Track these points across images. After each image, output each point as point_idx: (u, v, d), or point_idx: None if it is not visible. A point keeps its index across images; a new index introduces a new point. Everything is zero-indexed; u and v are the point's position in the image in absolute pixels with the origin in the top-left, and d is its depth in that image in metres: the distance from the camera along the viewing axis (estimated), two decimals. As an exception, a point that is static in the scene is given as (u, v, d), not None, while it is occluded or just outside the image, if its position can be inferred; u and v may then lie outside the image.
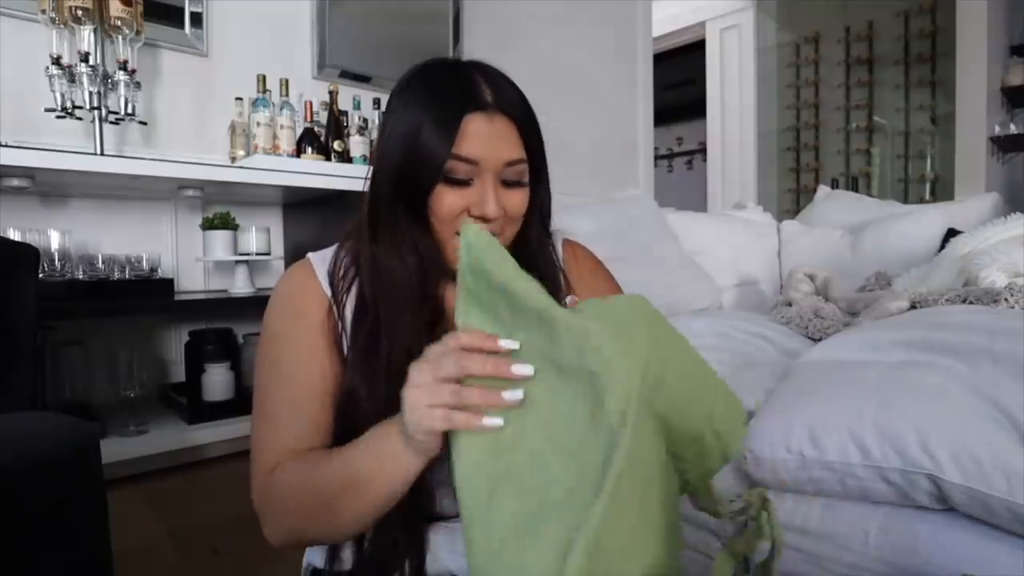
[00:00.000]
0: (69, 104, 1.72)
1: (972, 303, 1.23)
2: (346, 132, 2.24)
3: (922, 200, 4.09)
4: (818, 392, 0.93)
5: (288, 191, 2.05)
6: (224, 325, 2.10)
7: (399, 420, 0.49)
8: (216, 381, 1.94)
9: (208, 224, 2.01)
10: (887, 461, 0.80)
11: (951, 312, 1.13)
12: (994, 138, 3.57)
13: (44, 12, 1.67)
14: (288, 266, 0.70)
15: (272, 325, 0.65)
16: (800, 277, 1.73)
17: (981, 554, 0.75)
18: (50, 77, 1.68)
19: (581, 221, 1.77)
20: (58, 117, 1.72)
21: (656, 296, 1.98)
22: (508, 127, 0.60)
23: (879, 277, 1.70)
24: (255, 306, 2.02)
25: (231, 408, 1.93)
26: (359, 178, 0.65)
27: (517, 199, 0.62)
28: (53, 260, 1.72)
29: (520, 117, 0.61)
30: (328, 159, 2.14)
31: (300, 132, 2.14)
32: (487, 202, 0.59)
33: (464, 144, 0.58)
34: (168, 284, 1.91)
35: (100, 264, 1.78)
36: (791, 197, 4.81)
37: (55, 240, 1.74)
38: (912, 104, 4.31)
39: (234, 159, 2.10)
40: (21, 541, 0.73)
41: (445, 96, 0.59)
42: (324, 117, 2.22)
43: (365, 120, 2.29)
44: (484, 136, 0.58)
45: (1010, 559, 0.73)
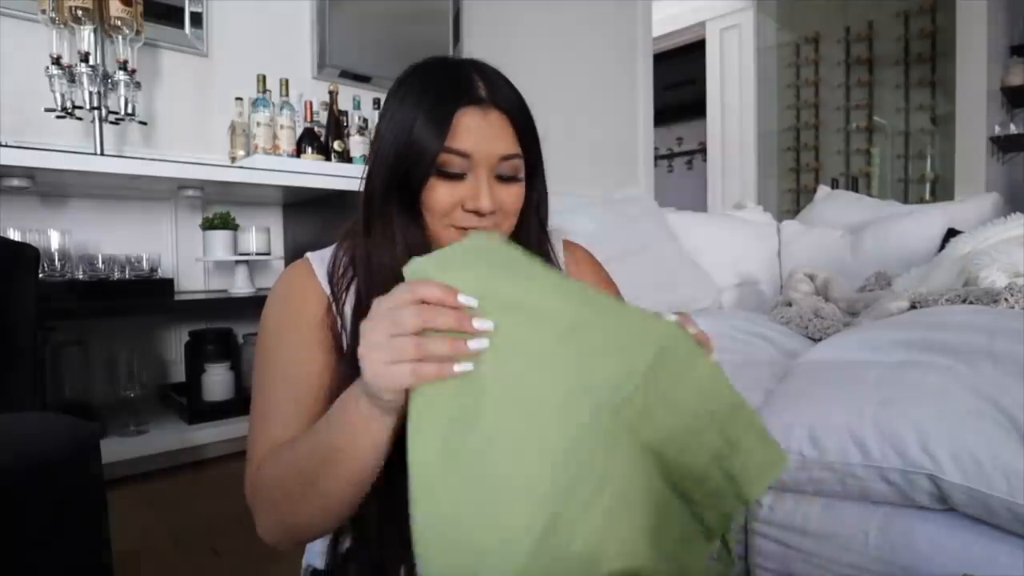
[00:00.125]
0: (69, 104, 1.71)
1: (972, 303, 1.23)
2: (346, 132, 2.24)
3: (922, 200, 4.08)
4: (818, 392, 0.93)
5: (288, 191, 2.05)
6: (224, 325, 2.10)
7: (359, 384, 0.47)
8: (216, 381, 1.94)
9: (208, 224, 2.02)
10: (887, 461, 0.80)
11: (951, 312, 1.13)
12: (994, 138, 3.56)
13: (44, 12, 1.67)
14: (288, 266, 0.70)
15: (269, 323, 0.64)
16: (800, 277, 1.73)
17: (981, 554, 0.75)
18: (50, 77, 1.68)
19: (581, 221, 1.77)
20: (58, 117, 1.71)
21: (656, 296, 1.97)
22: (502, 122, 0.60)
23: (879, 277, 1.70)
24: (255, 306, 2.00)
25: (231, 408, 1.93)
26: (359, 178, 0.65)
27: (513, 194, 0.62)
28: (53, 260, 1.72)
29: (515, 112, 0.61)
30: (328, 159, 2.14)
31: (300, 132, 2.14)
32: (481, 196, 0.58)
33: (457, 137, 0.58)
34: (168, 284, 1.91)
35: (100, 264, 1.78)
36: (791, 197, 4.81)
37: (55, 240, 1.74)
38: (912, 104, 4.31)
39: (234, 159, 2.10)
40: (21, 541, 0.73)
41: (439, 91, 0.59)
42: (324, 117, 2.22)
43: (365, 120, 2.29)
44: (478, 130, 0.58)
45: (1010, 559, 0.73)
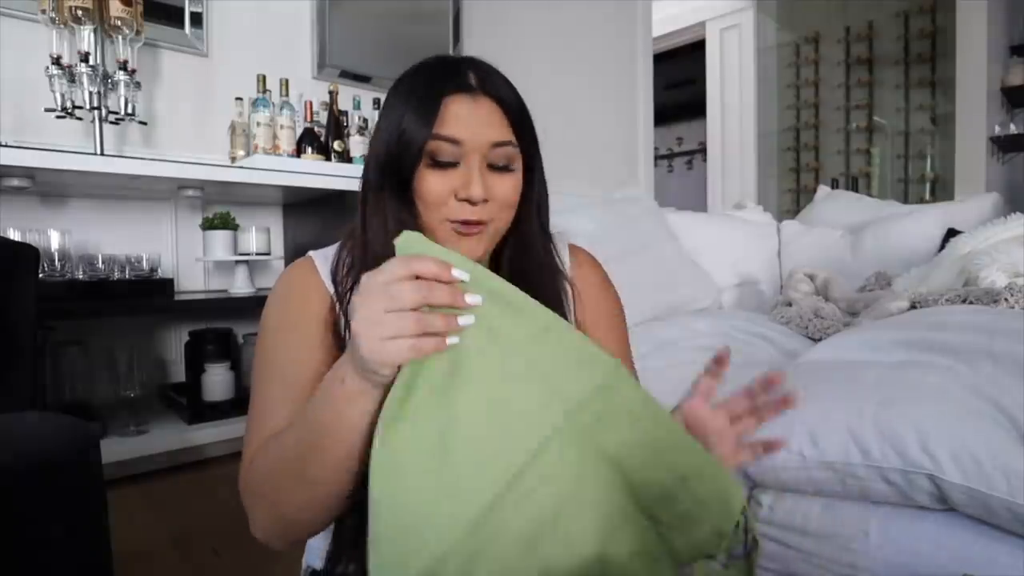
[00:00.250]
0: (69, 104, 1.71)
1: (972, 303, 1.23)
2: (346, 132, 2.24)
3: (922, 200, 4.08)
4: (818, 392, 0.93)
5: (288, 191, 2.05)
6: (224, 325, 2.10)
7: (348, 361, 0.47)
8: (216, 381, 1.94)
9: (208, 224, 2.02)
10: (887, 461, 0.80)
11: (951, 312, 1.13)
12: (994, 138, 3.56)
13: (44, 12, 1.67)
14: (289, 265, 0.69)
15: (270, 321, 0.64)
16: (800, 277, 1.73)
17: (981, 554, 0.75)
18: (50, 77, 1.68)
19: (581, 221, 1.77)
20: (58, 117, 1.71)
21: (656, 296, 1.97)
22: (494, 110, 0.60)
23: (879, 277, 1.70)
24: (255, 306, 2.01)
25: (231, 408, 1.94)
26: (359, 178, 0.65)
27: (507, 185, 0.61)
28: (53, 260, 1.72)
29: (507, 101, 0.61)
30: (328, 159, 2.14)
31: (300, 132, 2.14)
32: (472, 183, 0.58)
33: (446, 124, 0.58)
34: (168, 284, 1.91)
35: (100, 264, 1.78)
36: (791, 197, 4.80)
37: (55, 240, 1.74)
38: (912, 104, 4.31)
39: (234, 159, 2.10)
40: (21, 541, 0.73)
41: (429, 81, 0.60)
42: (324, 117, 2.22)
43: (365, 120, 2.29)
44: (468, 117, 0.58)
45: (1010, 559, 0.73)
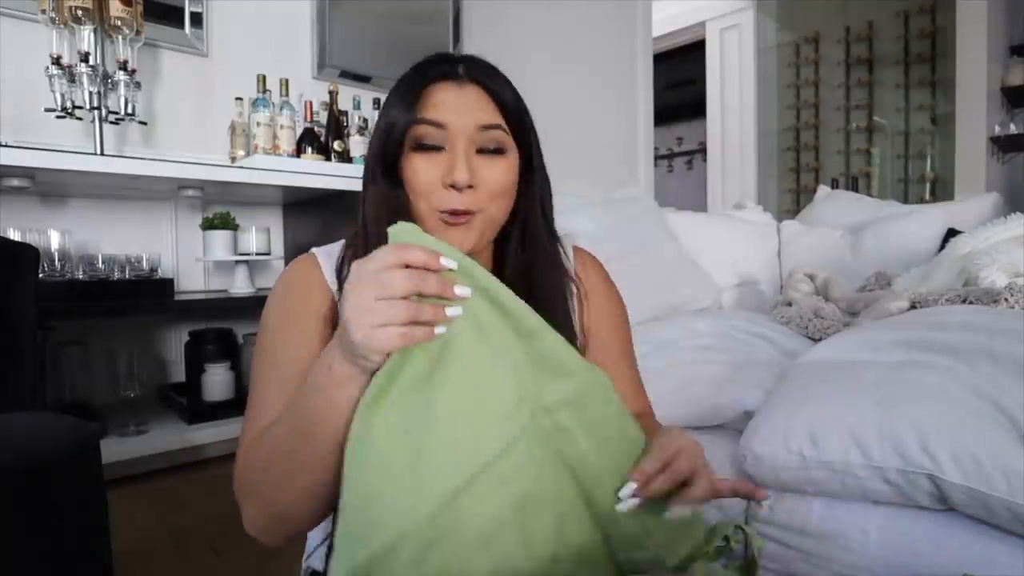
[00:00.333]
0: (69, 104, 1.71)
1: (972, 303, 1.23)
2: (346, 132, 2.24)
3: (922, 200, 4.08)
4: (818, 392, 0.93)
5: (288, 191, 2.05)
6: (224, 325, 2.10)
7: (337, 347, 0.47)
8: (216, 381, 1.94)
9: (208, 224, 2.01)
10: (887, 461, 0.79)
11: (951, 312, 1.13)
12: (994, 138, 3.56)
13: (44, 12, 1.67)
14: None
15: (269, 319, 0.64)
16: (800, 277, 1.73)
17: (981, 554, 0.75)
18: (50, 77, 1.68)
19: (581, 221, 1.77)
20: (58, 117, 1.71)
21: (656, 296, 1.96)
22: (480, 94, 0.60)
23: (879, 277, 1.70)
24: (255, 306, 2.01)
25: (231, 408, 1.93)
26: (359, 178, 0.65)
27: (497, 169, 0.60)
28: (53, 260, 1.72)
29: (495, 87, 0.61)
30: (328, 159, 2.14)
31: (300, 132, 2.14)
32: (456, 167, 0.57)
33: (430, 109, 0.58)
34: (168, 284, 1.91)
35: (100, 264, 1.78)
36: (791, 197, 4.80)
37: (55, 240, 1.74)
38: (912, 104, 4.31)
39: (234, 159, 2.10)
40: (21, 541, 0.73)
41: (419, 71, 0.61)
42: (324, 117, 2.22)
43: (365, 120, 2.29)
44: (453, 102, 0.59)
45: (1010, 559, 0.73)
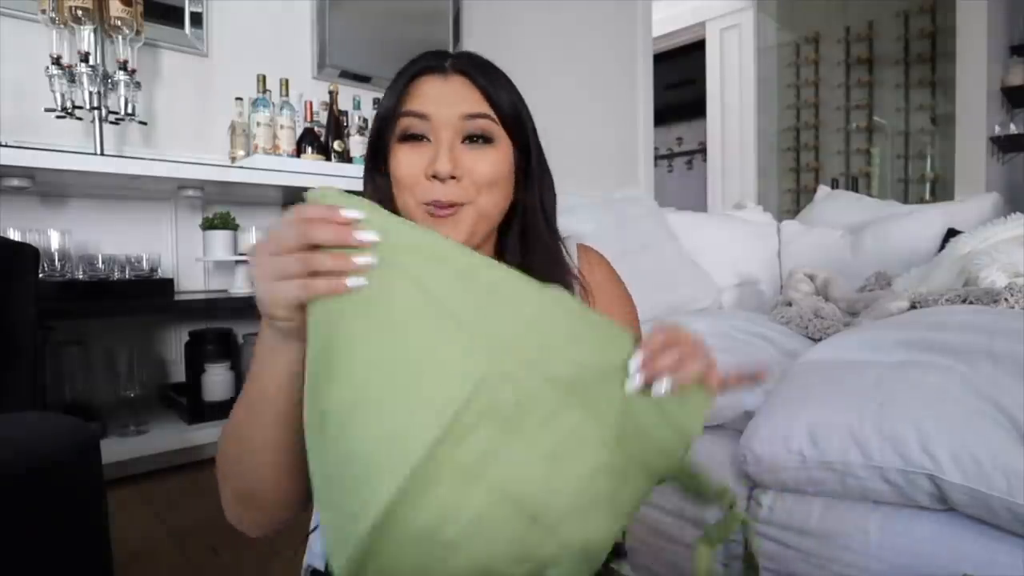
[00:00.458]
0: (69, 104, 1.71)
1: (972, 303, 1.23)
2: (346, 132, 2.24)
3: (922, 200, 4.08)
4: (818, 392, 0.93)
5: (288, 191, 2.04)
6: (224, 325, 2.09)
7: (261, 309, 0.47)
8: (216, 381, 1.94)
9: (208, 224, 2.01)
10: (887, 461, 0.80)
11: (951, 312, 1.13)
12: (994, 138, 3.56)
13: (44, 12, 1.67)
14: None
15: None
16: (800, 277, 1.73)
17: (981, 554, 0.75)
18: (50, 77, 1.68)
19: (581, 221, 1.77)
20: (58, 117, 1.71)
21: (656, 296, 1.96)
22: (465, 84, 0.60)
23: (879, 277, 1.70)
24: (255, 306, 2.01)
25: (231, 408, 1.92)
26: (359, 178, 0.65)
27: (485, 159, 0.60)
28: (53, 260, 1.72)
29: (480, 78, 0.60)
30: (328, 159, 2.14)
31: (300, 132, 2.14)
32: (438, 157, 0.57)
33: (414, 100, 0.59)
34: (168, 284, 1.90)
35: (100, 264, 1.78)
36: (791, 197, 4.80)
37: (55, 240, 1.73)
38: (912, 104, 4.31)
39: (234, 159, 2.09)
40: (21, 541, 0.73)
41: (408, 65, 0.62)
42: (324, 117, 2.22)
43: (365, 120, 2.29)
44: (436, 93, 0.59)
45: (1010, 559, 0.73)
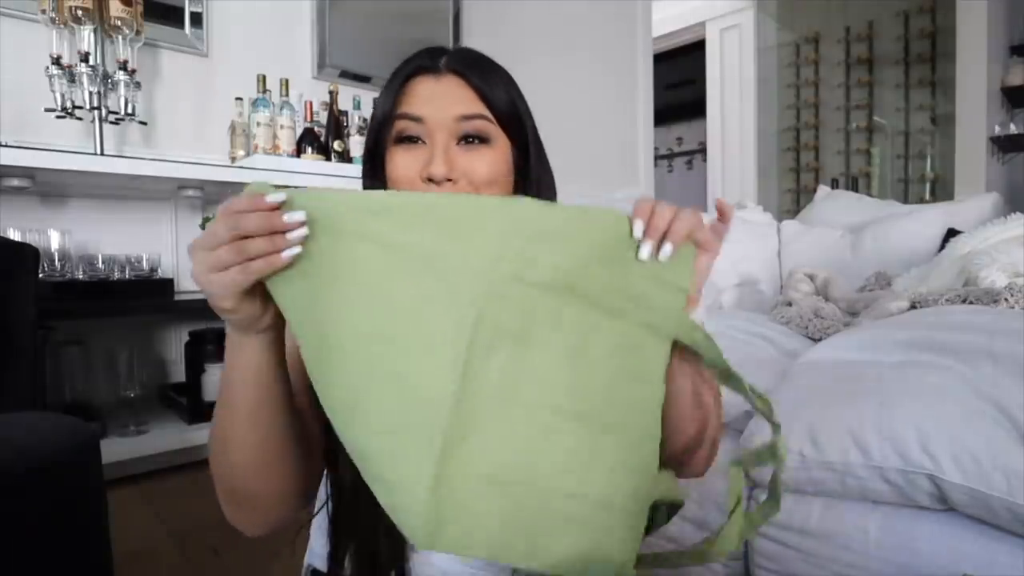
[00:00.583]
0: (69, 104, 1.71)
1: (972, 303, 1.23)
2: (346, 132, 2.24)
3: (922, 200, 4.08)
4: (818, 392, 0.93)
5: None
6: (224, 325, 2.09)
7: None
8: (216, 381, 1.92)
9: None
10: (887, 461, 0.80)
11: (951, 312, 1.13)
12: (994, 138, 3.56)
13: (44, 12, 1.67)
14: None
15: None
16: (800, 277, 1.73)
17: (981, 554, 0.75)
18: (50, 77, 1.68)
19: (581, 221, 1.77)
20: (58, 117, 1.71)
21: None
22: (459, 85, 0.59)
23: (879, 277, 1.70)
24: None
25: (229, 408, 1.93)
26: (359, 178, 0.65)
27: (481, 160, 0.59)
28: (53, 260, 1.72)
29: (474, 77, 0.60)
30: (328, 159, 2.14)
31: (300, 132, 2.14)
32: (433, 160, 0.57)
33: (409, 102, 0.59)
34: (168, 284, 1.91)
35: (100, 264, 1.78)
36: (791, 197, 4.80)
37: (55, 240, 1.73)
38: (912, 104, 4.31)
39: (234, 159, 2.09)
40: (21, 541, 0.73)
41: (402, 66, 0.61)
42: (324, 117, 2.22)
43: (365, 120, 2.29)
44: (429, 94, 0.59)
45: (1010, 559, 0.73)
